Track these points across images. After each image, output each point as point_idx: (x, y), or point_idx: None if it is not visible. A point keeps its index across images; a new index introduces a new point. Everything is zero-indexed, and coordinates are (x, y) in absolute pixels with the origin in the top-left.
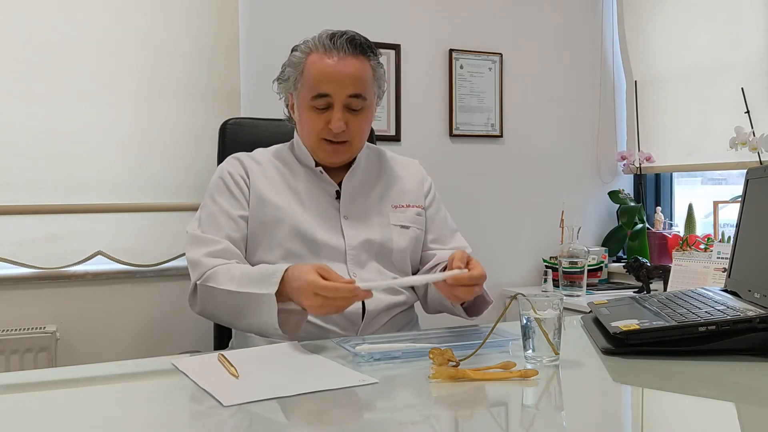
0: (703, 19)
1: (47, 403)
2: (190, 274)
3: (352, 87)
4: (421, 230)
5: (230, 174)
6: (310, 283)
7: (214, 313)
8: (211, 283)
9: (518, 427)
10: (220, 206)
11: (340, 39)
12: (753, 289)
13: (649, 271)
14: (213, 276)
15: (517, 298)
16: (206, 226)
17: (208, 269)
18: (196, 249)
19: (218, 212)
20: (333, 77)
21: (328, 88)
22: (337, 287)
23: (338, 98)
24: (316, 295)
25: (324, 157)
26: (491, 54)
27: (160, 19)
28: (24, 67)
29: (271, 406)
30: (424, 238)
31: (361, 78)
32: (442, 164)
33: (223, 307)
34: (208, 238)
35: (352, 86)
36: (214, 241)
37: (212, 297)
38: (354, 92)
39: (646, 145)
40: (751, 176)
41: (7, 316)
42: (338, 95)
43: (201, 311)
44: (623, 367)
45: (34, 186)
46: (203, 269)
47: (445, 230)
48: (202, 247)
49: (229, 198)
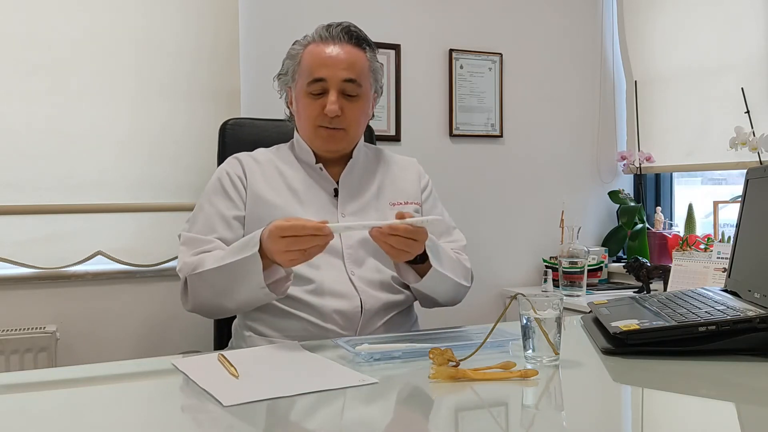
0: (703, 19)
1: (47, 403)
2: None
3: (346, 72)
4: None
5: (228, 174)
6: (275, 227)
7: (204, 301)
8: (199, 269)
9: (518, 427)
10: (215, 208)
11: (336, 29)
12: (753, 289)
13: (649, 271)
14: (200, 263)
15: (517, 298)
16: (199, 226)
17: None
18: (187, 251)
19: (213, 214)
20: (328, 62)
21: (323, 72)
22: (304, 225)
23: (333, 82)
24: (282, 238)
25: (320, 145)
26: (491, 54)
27: (160, 19)
28: (24, 67)
29: (271, 406)
30: None
31: (356, 64)
32: (442, 164)
33: (213, 288)
34: (200, 238)
35: (346, 71)
36: (205, 241)
37: (201, 282)
38: (348, 77)
39: (646, 145)
40: (751, 176)
41: (7, 316)
42: (333, 79)
43: (192, 304)
44: (623, 367)
45: (34, 186)
46: (191, 265)
47: (441, 227)
48: (192, 248)
49: (224, 199)
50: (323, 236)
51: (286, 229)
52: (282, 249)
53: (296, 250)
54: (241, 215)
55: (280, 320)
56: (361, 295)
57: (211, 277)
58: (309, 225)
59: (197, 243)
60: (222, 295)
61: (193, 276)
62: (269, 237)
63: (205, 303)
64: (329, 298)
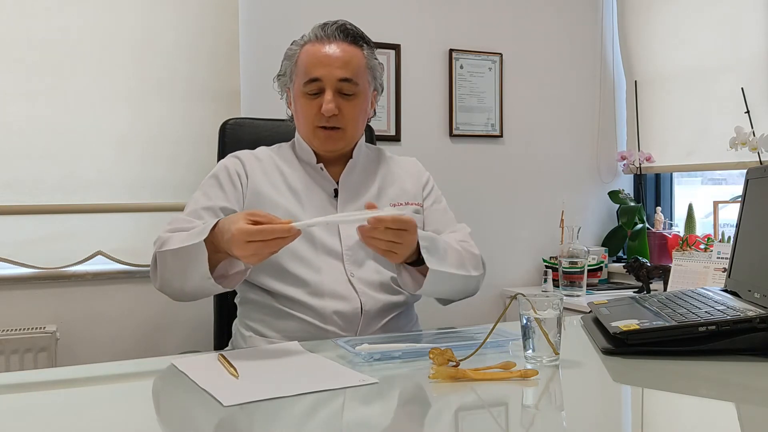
0: (703, 19)
1: (47, 403)
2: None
3: (342, 71)
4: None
5: (226, 168)
6: (240, 231)
7: (166, 281)
8: (164, 248)
9: (518, 427)
10: (205, 197)
11: (331, 27)
12: (753, 289)
13: (649, 271)
14: (167, 241)
15: (517, 298)
16: (187, 212)
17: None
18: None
19: (202, 202)
20: (323, 61)
21: (319, 71)
22: (273, 229)
23: (329, 82)
24: (248, 243)
25: (318, 145)
26: (491, 54)
27: (159, 19)
28: (24, 67)
29: (271, 406)
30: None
31: (352, 62)
32: (442, 164)
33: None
34: (183, 218)
35: (342, 70)
36: (187, 220)
37: (163, 260)
38: (344, 76)
39: (646, 145)
40: (751, 176)
41: (7, 316)
42: (329, 79)
43: (160, 282)
44: (623, 367)
45: (34, 186)
46: (161, 240)
47: (444, 220)
48: (172, 225)
49: (217, 190)
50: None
51: (253, 234)
52: (248, 254)
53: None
54: (230, 208)
55: (280, 321)
56: (361, 297)
57: (169, 258)
58: (277, 228)
59: (179, 222)
60: (177, 278)
61: (160, 253)
62: (231, 240)
63: (166, 283)
64: (329, 299)
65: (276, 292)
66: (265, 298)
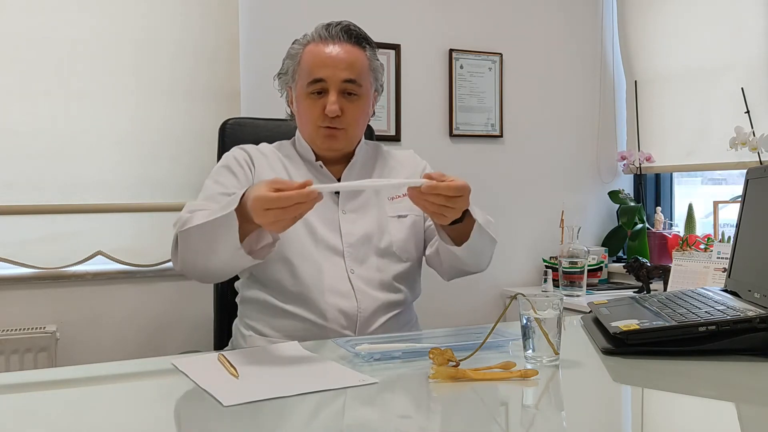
0: (703, 19)
1: (47, 403)
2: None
3: (346, 72)
4: (419, 216)
5: (235, 158)
6: (259, 199)
7: (189, 259)
8: (186, 225)
9: (518, 427)
10: (219, 183)
11: (336, 28)
12: (753, 289)
13: (649, 271)
14: (190, 219)
15: (517, 298)
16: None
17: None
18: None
19: (216, 188)
20: (327, 62)
21: (323, 72)
22: (290, 196)
23: (333, 83)
24: (267, 210)
25: (321, 145)
26: (491, 54)
27: (160, 19)
28: (24, 67)
29: (271, 406)
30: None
31: (356, 64)
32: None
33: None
34: (199, 203)
35: (346, 71)
36: (203, 205)
37: (188, 238)
38: (348, 77)
39: (646, 145)
40: (751, 176)
41: (7, 316)
42: (333, 80)
43: (182, 263)
44: (623, 367)
45: (34, 186)
46: (183, 220)
47: None
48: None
49: (230, 177)
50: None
51: (271, 201)
52: (270, 221)
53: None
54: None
55: (279, 319)
56: (358, 295)
57: (195, 234)
58: (294, 194)
59: (196, 206)
60: (202, 256)
61: (182, 232)
62: (254, 209)
63: (190, 261)
64: (328, 295)
65: (276, 288)
66: (265, 297)
